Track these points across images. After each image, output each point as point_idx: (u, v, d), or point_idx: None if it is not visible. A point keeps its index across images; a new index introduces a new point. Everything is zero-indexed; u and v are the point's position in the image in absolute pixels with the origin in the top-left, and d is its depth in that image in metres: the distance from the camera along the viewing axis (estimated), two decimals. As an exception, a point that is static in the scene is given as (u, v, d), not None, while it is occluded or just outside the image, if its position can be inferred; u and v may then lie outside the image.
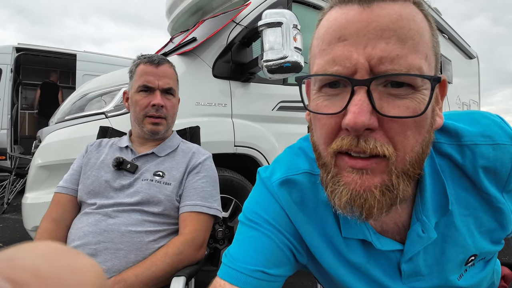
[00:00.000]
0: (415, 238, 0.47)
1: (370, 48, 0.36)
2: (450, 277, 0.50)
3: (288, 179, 0.53)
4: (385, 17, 0.37)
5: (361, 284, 0.52)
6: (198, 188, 1.02)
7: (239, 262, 0.50)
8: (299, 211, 0.53)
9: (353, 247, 0.51)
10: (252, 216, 0.54)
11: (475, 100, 5.95)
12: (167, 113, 1.08)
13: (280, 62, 1.72)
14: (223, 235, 1.90)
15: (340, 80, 0.39)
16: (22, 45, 5.42)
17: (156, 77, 1.05)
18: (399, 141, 0.38)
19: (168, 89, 1.07)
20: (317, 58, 0.42)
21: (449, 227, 0.48)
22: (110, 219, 0.93)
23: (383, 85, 0.38)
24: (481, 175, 0.47)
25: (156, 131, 1.06)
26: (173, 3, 3.15)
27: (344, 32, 0.38)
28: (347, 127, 0.37)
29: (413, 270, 0.50)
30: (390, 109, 0.37)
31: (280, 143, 2.18)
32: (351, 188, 0.39)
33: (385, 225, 0.50)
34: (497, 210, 0.48)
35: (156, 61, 1.06)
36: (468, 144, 0.48)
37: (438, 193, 0.47)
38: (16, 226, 3.26)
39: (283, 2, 2.25)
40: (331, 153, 0.41)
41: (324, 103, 0.41)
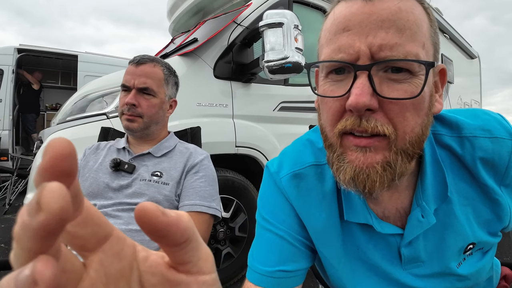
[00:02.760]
0: (415, 223, 0.50)
1: (371, 37, 0.40)
2: (450, 264, 0.52)
3: (295, 174, 0.57)
4: (385, 10, 0.40)
5: (360, 270, 0.55)
6: (196, 188, 1.02)
7: (260, 265, 0.56)
8: (306, 203, 0.56)
9: (354, 231, 0.54)
10: (266, 218, 0.58)
11: (476, 100, 5.93)
12: (142, 112, 1.05)
13: (281, 62, 1.72)
14: (224, 236, 1.90)
15: (344, 66, 0.43)
16: (23, 46, 5.44)
17: (133, 77, 1.05)
18: (399, 121, 0.41)
19: (143, 88, 1.06)
20: (324, 47, 0.45)
21: (449, 215, 0.50)
22: (111, 219, 0.93)
23: (383, 70, 0.41)
24: (479, 167, 0.50)
25: (130, 128, 1.05)
26: (174, 4, 3.16)
27: (348, 23, 0.42)
28: (350, 108, 0.41)
29: (412, 255, 0.52)
30: (390, 92, 0.41)
31: (281, 143, 2.18)
32: (354, 165, 0.42)
33: (387, 211, 0.52)
34: (494, 201, 0.50)
35: (136, 61, 1.07)
36: (468, 136, 0.50)
37: (438, 181, 0.50)
38: (17, 226, 3.26)
39: (284, 3, 2.25)
40: (337, 134, 0.44)
41: (331, 88, 0.45)
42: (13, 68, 5.15)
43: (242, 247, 2.00)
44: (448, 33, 4.57)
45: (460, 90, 5.00)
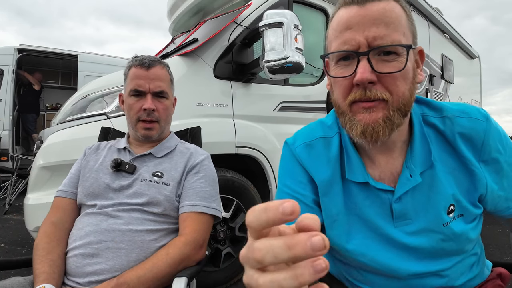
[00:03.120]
0: (404, 181, 0.62)
1: (366, 32, 0.55)
2: (435, 221, 0.62)
3: (307, 143, 0.73)
4: (375, 11, 0.56)
5: (357, 225, 0.67)
6: (197, 188, 1.03)
7: None
8: (315, 165, 0.70)
9: (354, 190, 0.67)
10: (283, 183, 0.74)
11: (476, 100, 5.93)
12: (159, 116, 1.07)
13: (281, 62, 1.72)
14: (224, 236, 1.90)
15: (349, 55, 0.58)
16: (23, 46, 5.44)
17: (146, 81, 1.04)
18: (393, 88, 0.56)
19: (159, 92, 1.06)
20: (333, 42, 0.60)
21: (433, 178, 0.63)
22: (111, 218, 0.93)
23: (377, 54, 0.56)
24: (459, 141, 0.63)
25: (149, 136, 1.06)
26: (175, 4, 3.16)
27: (349, 24, 0.57)
28: (357, 82, 0.56)
29: (402, 211, 0.63)
30: (384, 68, 0.56)
31: (281, 143, 2.16)
32: (363, 122, 0.57)
33: (383, 174, 0.65)
34: (471, 172, 0.63)
35: (146, 64, 1.04)
36: (449, 115, 0.65)
37: (424, 150, 0.63)
38: (18, 227, 3.27)
39: (284, 3, 2.25)
40: (348, 103, 0.59)
41: (340, 71, 0.60)
42: (13, 68, 5.15)
43: (243, 247, 2.00)
44: (448, 33, 4.57)
45: (460, 90, 5.00)
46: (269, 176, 2.09)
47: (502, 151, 0.63)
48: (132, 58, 1.09)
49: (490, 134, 0.62)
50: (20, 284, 0.84)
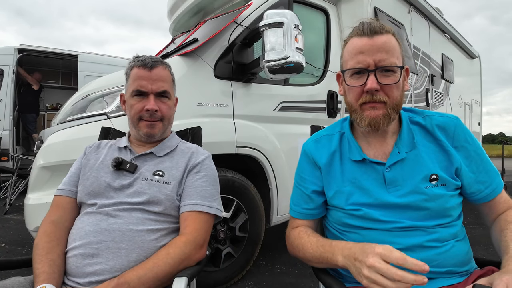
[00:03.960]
0: (394, 155, 0.86)
1: (374, 56, 0.81)
2: (419, 185, 0.83)
3: (314, 139, 1.00)
4: (379, 42, 0.81)
5: (356, 194, 0.87)
6: (198, 188, 1.02)
7: (294, 206, 1.00)
8: (320, 153, 0.95)
9: (353, 167, 0.90)
10: (296, 178, 1.01)
11: (477, 99, 5.93)
12: (163, 116, 1.07)
13: (281, 62, 1.72)
14: (224, 236, 1.90)
15: (362, 71, 0.83)
16: (24, 46, 5.44)
17: (149, 81, 1.03)
18: (390, 94, 0.82)
19: (162, 92, 1.06)
20: (349, 61, 0.85)
21: (416, 156, 0.86)
22: (111, 218, 0.93)
23: (380, 71, 0.81)
24: (436, 130, 0.88)
25: (151, 134, 1.06)
26: (175, 4, 3.16)
27: (362, 49, 0.82)
28: (367, 90, 0.81)
29: (393, 179, 0.85)
30: (385, 81, 0.81)
31: (282, 143, 2.18)
32: (369, 117, 0.83)
33: (377, 153, 0.89)
34: (447, 152, 0.86)
35: (149, 64, 1.04)
36: (428, 115, 0.91)
37: (409, 137, 0.88)
38: (18, 226, 3.27)
39: (284, 3, 2.25)
40: (359, 104, 0.84)
41: (354, 81, 0.84)
42: (13, 68, 5.16)
43: (243, 247, 2.00)
44: (449, 33, 4.57)
45: (461, 90, 5.00)
46: (270, 176, 2.09)
47: (470, 142, 0.87)
48: (134, 58, 1.08)
49: (459, 128, 0.87)
50: (20, 284, 0.84)
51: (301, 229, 0.94)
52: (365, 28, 0.83)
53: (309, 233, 0.91)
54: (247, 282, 2.04)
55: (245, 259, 2.02)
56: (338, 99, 2.57)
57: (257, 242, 2.07)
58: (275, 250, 2.62)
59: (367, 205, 0.85)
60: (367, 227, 0.84)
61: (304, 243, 0.88)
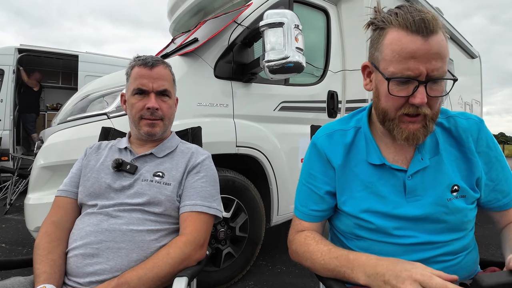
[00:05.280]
0: (416, 162, 0.78)
1: (428, 64, 0.67)
2: (440, 196, 0.76)
3: (327, 134, 0.89)
4: (436, 46, 0.66)
5: (371, 200, 0.79)
6: (198, 188, 1.03)
7: (300, 206, 0.90)
8: (333, 150, 0.86)
9: (370, 170, 0.81)
10: (304, 176, 0.91)
11: (477, 99, 5.92)
12: (163, 114, 1.07)
13: (281, 62, 1.72)
14: (225, 236, 1.90)
15: (411, 80, 0.69)
16: (24, 46, 5.44)
17: (150, 80, 1.04)
18: (433, 106, 0.71)
19: (163, 91, 1.06)
20: (393, 63, 0.70)
21: (439, 163, 0.78)
22: (112, 218, 0.93)
23: (432, 83, 0.69)
24: (461, 134, 0.80)
25: (152, 133, 1.06)
26: (175, 4, 3.16)
27: (415, 54, 0.67)
28: (416, 104, 0.69)
29: (414, 187, 0.77)
30: (433, 93, 0.70)
31: (282, 143, 2.18)
32: (407, 131, 0.72)
33: (396, 157, 0.80)
34: (469, 160, 0.79)
35: (150, 63, 1.05)
36: (452, 116, 0.83)
37: (433, 142, 0.80)
38: (18, 226, 3.27)
39: (285, 3, 2.25)
40: (399, 114, 0.72)
41: (397, 89, 0.71)
42: (13, 68, 5.16)
43: (243, 247, 2.00)
44: (449, 32, 4.57)
45: (461, 89, 4.99)
46: (270, 176, 2.09)
47: (492, 147, 0.80)
48: (135, 58, 1.10)
49: (483, 132, 0.80)
50: (20, 284, 0.84)
51: (307, 234, 0.85)
52: (417, 22, 0.66)
53: (317, 239, 0.82)
54: (247, 282, 2.04)
55: (245, 259, 2.03)
56: (338, 99, 2.57)
57: (257, 242, 2.07)
58: (275, 250, 2.62)
59: (382, 214, 0.77)
60: (378, 240, 0.78)
61: (313, 251, 0.79)
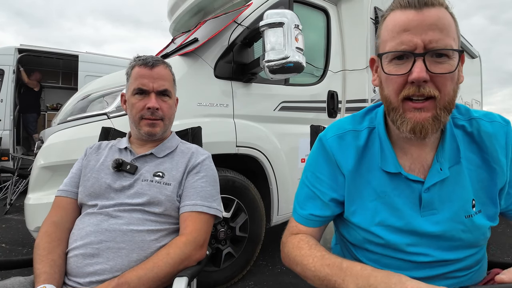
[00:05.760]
0: (435, 173, 0.69)
1: (424, 35, 0.61)
2: (458, 212, 0.68)
3: (338, 135, 0.78)
4: (431, 17, 0.61)
5: (383, 212, 0.71)
6: (198, 188, 1.03)
7: (299, 208, 0.81)
8: (345, 155, 0.76)
9: (384, 178, 0.72)
10: (308, 177, 0.81)
11: (477, 99, 5.92)
12: (164, 114, 1.07)
13: (282, 62, 1.72)
14: (225, 236, 1.90)
15: (406, 55, 0.63)
16: (24, 46, 5.44)
17: (150, 80, 1.04)
18: (442, 88, 0.62)
19: (163, 91, 1.06)
20: (388, 42, 0.65)
21: (459, 174, 0.69)
22: (112, 219, 0.93)
23: (431, 56, 0.61)
24: (484, 140, 0.71)
25: (152, 133, 1.06)
26: (175, 4, 3.16)
27: (407, 26, 0.62)
28: (413, 80, 0.61)
29: (430, 201, 0.69)
30: (437, 69, 0.61)
31: (282, 143, 2.18)
32: (413, 120, 0.63)
33: (413, 165, 0.71)
34: (492, 169, 0.70)
35: (150, 63, 1.05)
36: (475, 118, 0.73)
37: (453, 147, 0.70)
38: (18, 226, 3.27)
39: (285, 3, 2.25)
40: (401, 99, 0.64)
41: (395, 69, 0.64)
42: (13, 68, 5.16)
43: (243, 247, 2.00)
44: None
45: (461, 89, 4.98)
46: (270, 176, 2.08)
47: None
48: (135, 58, 1.10)
49: (511, 136, 0.71)
50: (21, 284, 0.84)
51: (302, 238, 0.77)
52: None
53: (311, 244, 0.73)
54: (247, 282, 2.04)
55: (245, 259, 2.02)
56: (338, 99, 2.57)
57: (257, 242, 2.07)
58: (275, 250, 2.62)
59: (395, 228, 0.70)
60: (389, 255, 0.72)
61: (304, 256, 0.71)
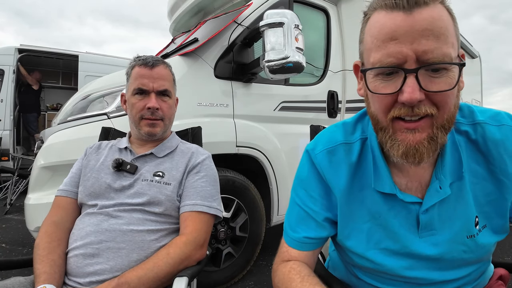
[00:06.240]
0: (433, 193, 0.60)
1: (415, 44, 0.49)
2: (459, 233, 0.61)
3: (328, 150, 0.69)
4: (424, 21, 0.49)
5: (378, 234, 0.64)
6: (198, 188, 1.03)
7: (290, 231, 0.72)
8: (336, 173, 0.67)
9: (378, 199, 0.64)
10: (299, 195, 0.72)
11: (477, 99, 5.93)
12: (164, 114, 1.07)
13: (282, 62, 1.72)
14: (225, 236, 1.90)
15: (395, 70, 0.52)
16: (24, 46, 5.44)
17: (150, 80, 1.04)
18: (441, 105, 0.52)
19: (163, 91, 1.06)
20: (373, 51, 0.54)
21: (461, 190, 0.60)
22: (112, 219, 0.93)
23: (425, 70, 0.50)
24: (490, 148, 0.60)
25: (153, 133, 1.06)
26: (175, 4, 3.15)
27: (394, 34, 0.50)
28: (404, 102, 0.51)
29: (429, 222, 0.61)
30: (433, 86, 0.51)
31: (282, 143, 2.18)
32: (405, 143, 0.53)
33: (410, 183, 0.63)
34: (500, 182, 0.60)
35: (150, 63, 1.05)
36: (480, 122, 0.62)
37: (455, 160, 0.60)
38: (19, 226, 3.27)
39: (285, 3, 2.25)
40: (390, 119, 0.54)
41: (381, 85, 0.54)
42: (14, 68, 5.16)
43: (243, 247, 2.00)
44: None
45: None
46: (270, 176, 2.08)
47: None
48: (135, 58, 1.10)
49: None
50: (21, 284, 0.84)
51: (293, 267, 0.69)
52: None
53: (303, 274, 0.66)
54: (247, 282, 2.04)
55: (245, 259, 2.02)
56: (339, 99, 2.57)
57: (258, 242, 2.07)
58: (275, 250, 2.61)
59: (391, 252, 0.64)
60: (387, 277, 0.67)
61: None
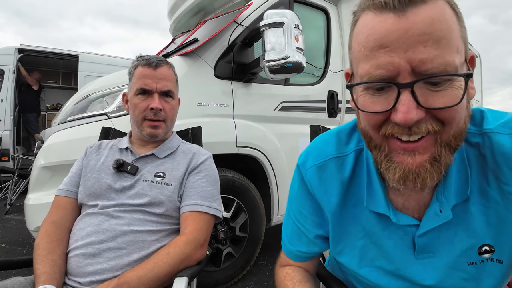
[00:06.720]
0: (432, 216, 0.52)
1: (410, 52, 0.40)
2: (459, 259, 0.53)
3: (318, 166, 0.63)
4: (420, 23, 0.40)
5: (372, 252, 0.60)
6: (198, 188, 1.02)
7: (287, 242, 0.73)
8: (326, 191, 0.62)
9: (372, 219, 0.59)
10: (293, 210, 0.71)
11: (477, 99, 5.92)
12: (166, 115, 1.07)
13: (282, 62, 1.72)
14: (225, 236, 1.90)
15: (386, 85, 0.44)
16: (24, 46, 5.44)
17: (154, 80, 1.04)
18: (448, 121, 0.43)
19: (166, 91, 1.06)
20: (361, 62, 0.46)
21: (465, 212, 0.52)
22: (113, 219, 0.93)
23: (424, 83, 0.42)
24: (502, 163, 0.49)
25: (155, 134, 1.06)
26: (175, 4, 3.15)
27: (384, 41, 0.42)
28: (399, 123, 0.43)
29: (426, 245, 0.55)
30: (435, 101, 0.42)
31: (282, 143, 2.18)
32: (403, 166, 0.45)
33: (407, 203, 0.55)
34: None
35: (154, 63, 1.05)
36: (487, 131, 0.51)
37: (461, 179, 0.51)
38: (19, 226, 3.27)
39: (285, 3, 2.25)
40: (382, 136, 0.47)
41: (371, 100, 0.46)
42: (14, 68, 5.16)
43: (243, 247, 2.00)
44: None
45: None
46: (270, 176, 2.08)
47: None
48: (138, 57, 1.09)
49: None
50: (21, 284, 0.84)
51: (288, 272, 0.71)
52: None
53: (296, 281, 0.67)
54: (247, 282, 2.04)
55: (245, 259, 2.02)
56: (339, 99, 2.57)
57: (258, 242, 2.07)
58: (275, 250, 2.62)
59: (386, 272, 0.59)
60: None
61: None
